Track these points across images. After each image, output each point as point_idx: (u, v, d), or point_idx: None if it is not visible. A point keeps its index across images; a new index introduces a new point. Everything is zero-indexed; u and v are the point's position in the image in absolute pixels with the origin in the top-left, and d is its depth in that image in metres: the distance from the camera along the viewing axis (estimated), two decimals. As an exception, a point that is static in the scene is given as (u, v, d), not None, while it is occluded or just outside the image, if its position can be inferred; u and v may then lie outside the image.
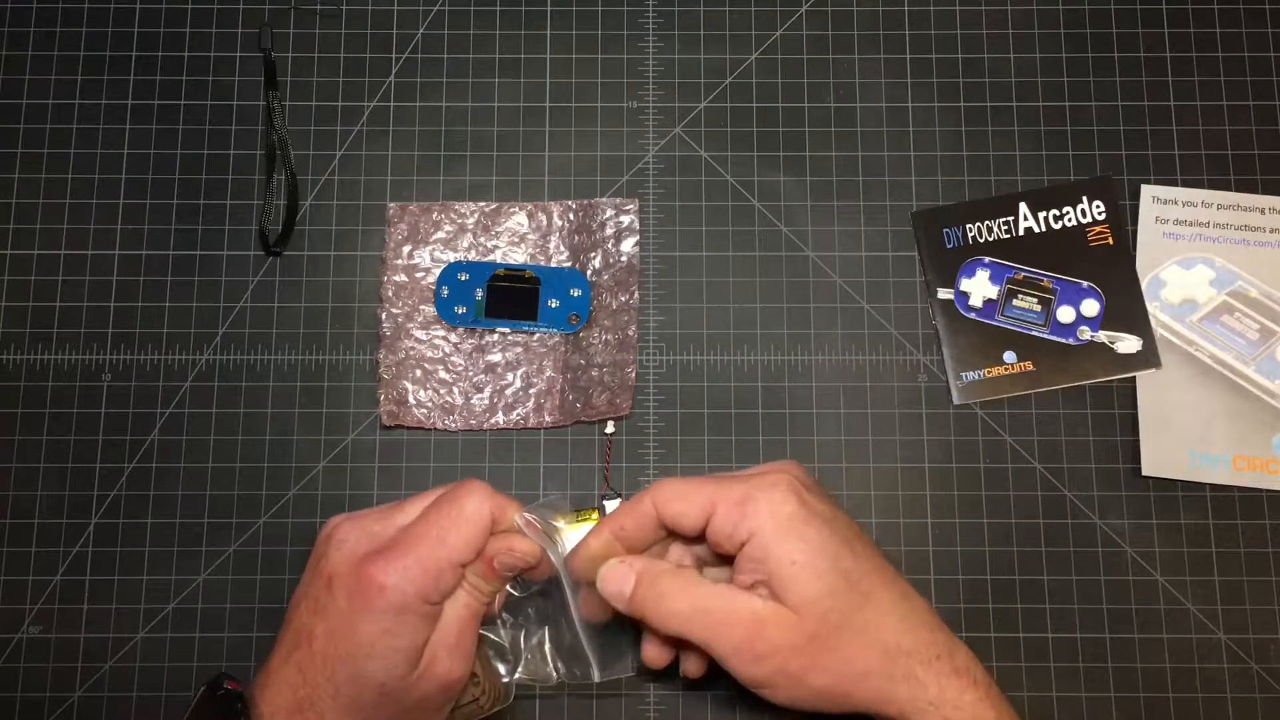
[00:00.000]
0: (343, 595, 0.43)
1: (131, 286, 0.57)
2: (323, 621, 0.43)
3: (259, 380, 0.56)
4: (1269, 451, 0.55)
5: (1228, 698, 0.53)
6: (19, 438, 0.56)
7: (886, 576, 0.45)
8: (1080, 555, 0.55)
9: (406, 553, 0.43)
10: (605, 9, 0.60)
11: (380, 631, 0.42)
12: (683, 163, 0.59)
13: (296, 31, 0.60)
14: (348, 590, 0.43)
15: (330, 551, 0.45)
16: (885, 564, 0.46)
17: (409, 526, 0.45)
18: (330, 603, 0.43)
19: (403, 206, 0.58)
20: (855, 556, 0.44)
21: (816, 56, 0.60)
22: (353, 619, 0.43)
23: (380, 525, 0.45)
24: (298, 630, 0.44)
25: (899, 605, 0.44)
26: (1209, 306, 0.57)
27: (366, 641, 0.42)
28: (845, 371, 0.57)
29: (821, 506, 0.45)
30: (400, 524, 0.45)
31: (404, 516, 0.45)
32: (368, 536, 0.45)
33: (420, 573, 0.43)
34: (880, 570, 0.45)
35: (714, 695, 0.54)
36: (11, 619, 0.54)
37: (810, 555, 0.43)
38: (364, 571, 0.43)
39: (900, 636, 0.44)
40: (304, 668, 0.43)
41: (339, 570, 0.44)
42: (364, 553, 0.44)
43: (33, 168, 0.58)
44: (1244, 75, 0.59)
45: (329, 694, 0.43)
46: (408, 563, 0.43)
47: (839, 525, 0.45)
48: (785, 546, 0.43)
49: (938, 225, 0.58)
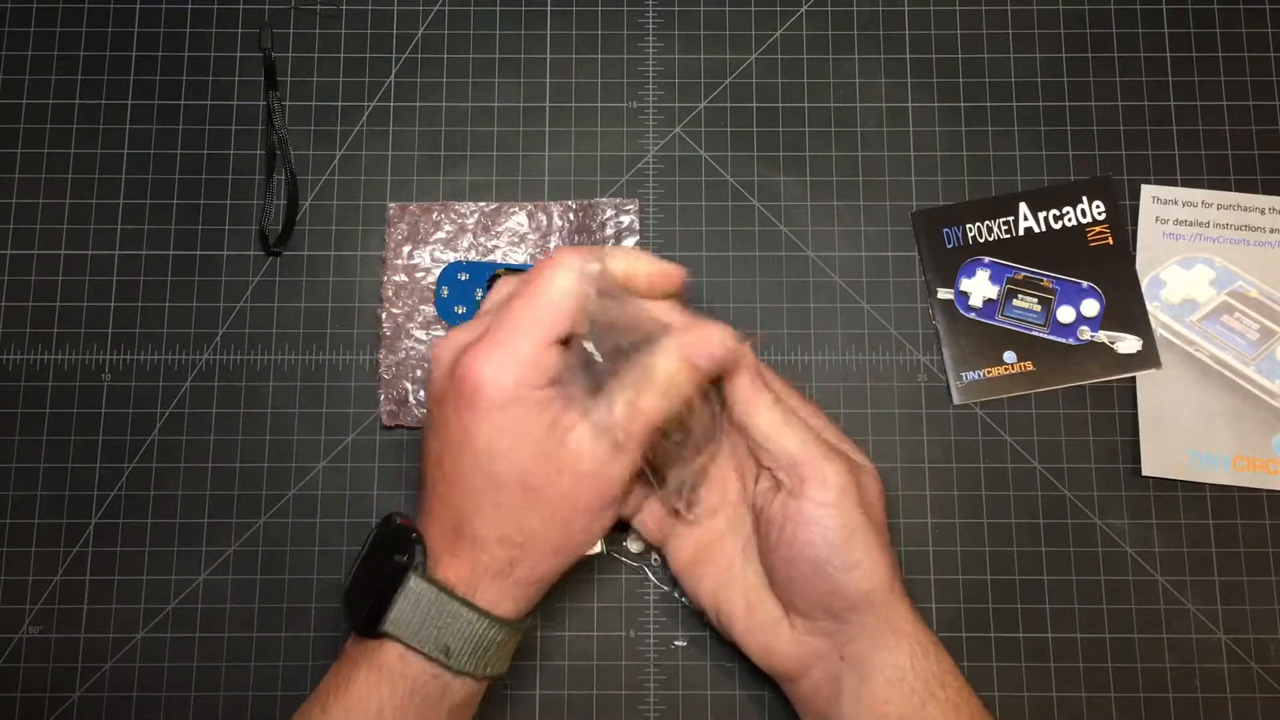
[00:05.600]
0: (450, 409, 0.42)
1: (131, 286, 0.57)
2: (444, 442, 0.43)
3: (259, 380, 0.56)
4: (1269, 451, 0.55)
5: (1228, 698, 0.53)
6: (19, 438, 0.56)
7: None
8: (1080, 555, 0.55)
9: (495, 343, 0.41)
10: (605, 9, 0.60)
11: (495, 430, 0.41)
12: (683, 163, 0.59)
13: (296, 31, 0.60)
14: (454, 402, 0.42)
15: (433, 373, 0.44)
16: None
17: (497, 314, 0.43)
18: (443, 421, 0.43)
19: (403, 206, 0.58)
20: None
21: (816, 56, 0.60)
22: (465, 428, 0.42)
23: (469, 333, 0.43)
24: (430, 461, 0.44)
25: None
26: (1209, 306, 0.57)
27: (485, 444, 0.41)
28: (845, 371, 0.57)
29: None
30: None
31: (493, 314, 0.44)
32: (459, 346, 0.43)
33: (515, 360, 0.41)
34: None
35: (714, 695, 0.54)
36: (11, 619, 0.54)
37: (871, 465, 0.49)
38: (459, 375, 0.41)
39: (900, 574, 0.47)
40: (444, 494, 0.43)
41: (440, 386, 0.43)
42: (457, 358, 0.42)
43: (33, 168, 0.58)
44: (1244, 75, 0.59)
45: (472, 509, 0.42)
46: (498, 353, 0.41)
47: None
48: (851, 446, 0.49)
49: (938, 225, 0.58)
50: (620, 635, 0.54)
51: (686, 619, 0.54)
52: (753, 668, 0.51)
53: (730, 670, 0.54)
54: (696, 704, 0.53)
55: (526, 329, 0.41)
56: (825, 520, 0.45)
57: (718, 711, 0.53)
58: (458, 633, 0.43)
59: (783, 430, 0.46)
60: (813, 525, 0.45)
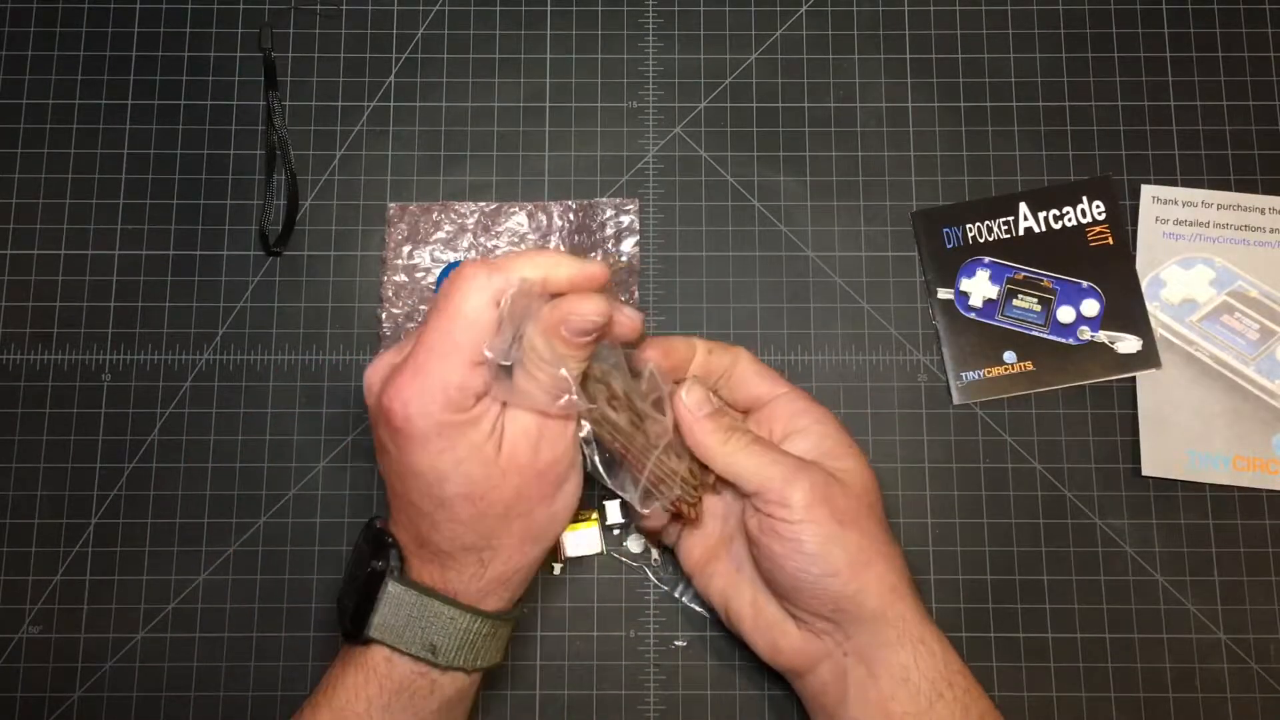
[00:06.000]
0: (387, 437, 0.43)
1: (131, 286, 0.57)
2: (388, 466, 0.44)
3: (259, 380, 0.56)
4: (1269, 451, 0.55)
5: (1228, 698, 0.53)
6: (19, 438, 0.56)
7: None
8: (1080, 555, 0.55)
9: (417, 373, 0.41)
10: (605, 9, 0.60)
11: (433, 454, 0.41)
12: (683, 163, 0.59)
13: (296, 31, 0.60)
14: (388, 431, 0.42)
15: (368, 402, 0.44)
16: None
17: (416, 338, 0.42)
18: (382, 447, 0.44)
19: (403, 206, 0.58)
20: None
21: (816, 56, 0.60)
22: (403, 456, 0.42)
23: (399, 354, 0.43)
24: (386, 483, 0.45)
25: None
26: (1209, 306, 0.57)
27: (427, 470, 0.42)
28: (845, 371, 0.57)
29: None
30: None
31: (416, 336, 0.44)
32: (387, 369, 0.43)
33: (440, 388, 0.41)
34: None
35: (714, 695, 0.54)
36: (11, 619, 0.54)
37: (859, 465, 0.48)
38: (385, 407, 0.42)
39: (906, 562, 0.47)
40: (401, 510, 0.44)
41: (374, 413, 0.43)
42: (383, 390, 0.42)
43: (33, 168, 0.58)
44: (1244, 75, 0.59)
45: (429, 528, 0.43)
46: (420, 383, 0.41)
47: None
48: (845, 438, 0.49)
49: (938, 225, 0.58)
50: (620, 635, 0.54)
51: (687, 619, 0.54)
52: (752, 668, 0.51)
53: (730, 670, 0.54)
54: (696, 704, 0.53)
55: (444, 354, 0.41)
56: (799, 536, 0.45)
57: (718, 711, 0.53)
58: (442, 630, 0.44)
59: (734, 459, 0.46)
60: (787, 542, 0.45)
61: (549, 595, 0.54)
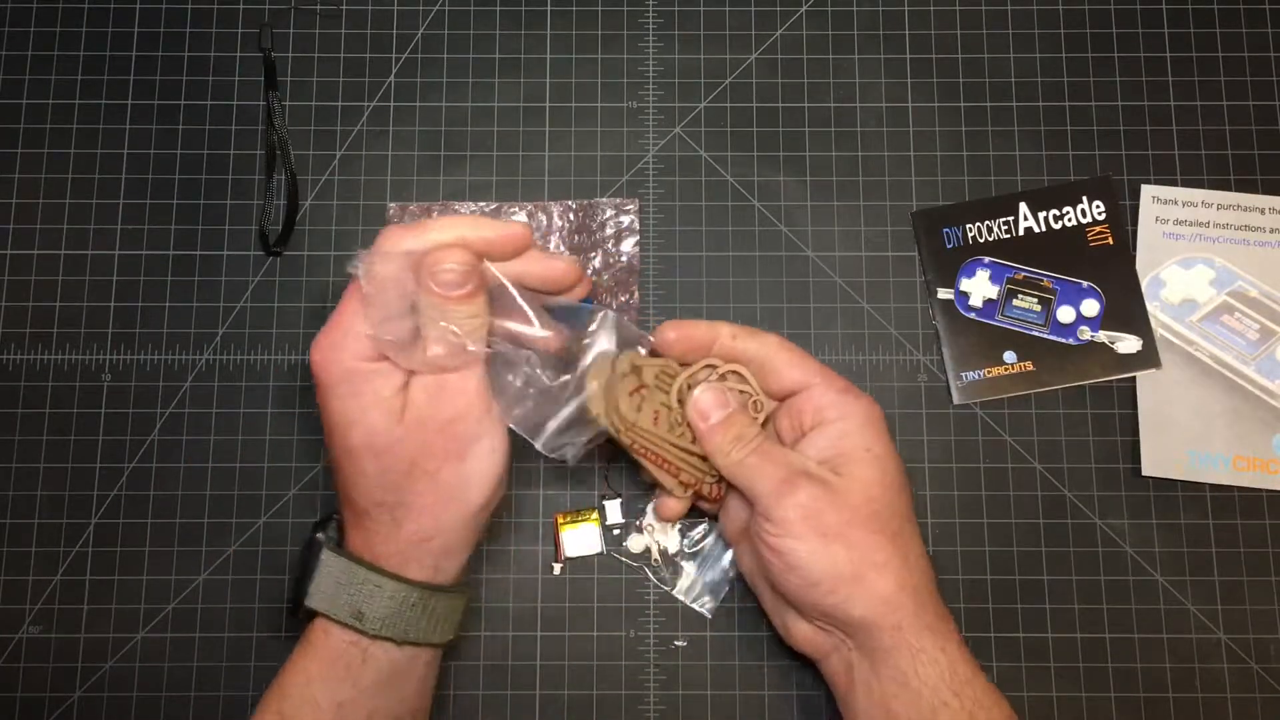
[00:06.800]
0: (318, 395, 0.46)
1: (131, 286, 0.57)
2: (325, 426, 0.46)
3: (259, 380, 0.56)
4: (1269, 451, 0.55)
5: (1228, 698, 0.53)
6: (19, 438, 0.56)
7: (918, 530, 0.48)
8: (1080, 555, 0.55)
9: (330, 327, 0.45)
10: (605, 9, 0.60)
11: (341, 399, 0.44)
12: (683, 163, 0.59)
13: (296, 31, 0.60)
14: (315, 385, 0.45)
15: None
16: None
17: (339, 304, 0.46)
18: (321, 409, 0.46)
19: (403, 207, 0.58)
20: (910, 492, 0.48)
21: (816, 56, 0.60)
22: (323, 409, 0.45)
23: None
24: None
25: (925, 554, 0.48)
26: (1209, 306, 0.57)
27: (337, 419, 0.45)
28: (845, 371, 0.56)
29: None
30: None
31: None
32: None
33: (349, 338, 0.44)
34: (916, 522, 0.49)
35: (714, 695, 0.54)
36: (11, 619, 0.54)
37: (886, 451, 0.47)
38: (310, 362, 0.45)
39: (921, 570, 0.47)
40: (333, 473, 0.47)
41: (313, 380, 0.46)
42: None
43: (33, 168, 0.58)
44: (1244, 75, 0.59)
45: (346, 483, 0.46)
46: (332, 335, 0.45)
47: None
48: (868, 436, 0.47)
49: (938, 225, 0.58)
50: (620, 635, 0.54)
51: (686, 619, 0.54)
52: (752, 668, 0.51)
53: (730, 670, 0.54)
54: (696, 704, 0.53)
55: (354, 310, 0.45)
56: (780, 549, 0.46)
57: (718, 711, 0.53)
58: (368, 597, 0.45)
59: (735, 470, 0.48)
60: (783, 555, 0.46)
61: (549, 595, 0.54)
